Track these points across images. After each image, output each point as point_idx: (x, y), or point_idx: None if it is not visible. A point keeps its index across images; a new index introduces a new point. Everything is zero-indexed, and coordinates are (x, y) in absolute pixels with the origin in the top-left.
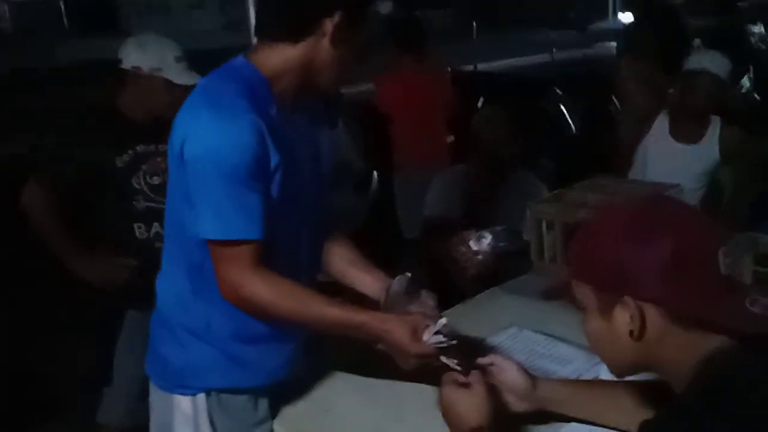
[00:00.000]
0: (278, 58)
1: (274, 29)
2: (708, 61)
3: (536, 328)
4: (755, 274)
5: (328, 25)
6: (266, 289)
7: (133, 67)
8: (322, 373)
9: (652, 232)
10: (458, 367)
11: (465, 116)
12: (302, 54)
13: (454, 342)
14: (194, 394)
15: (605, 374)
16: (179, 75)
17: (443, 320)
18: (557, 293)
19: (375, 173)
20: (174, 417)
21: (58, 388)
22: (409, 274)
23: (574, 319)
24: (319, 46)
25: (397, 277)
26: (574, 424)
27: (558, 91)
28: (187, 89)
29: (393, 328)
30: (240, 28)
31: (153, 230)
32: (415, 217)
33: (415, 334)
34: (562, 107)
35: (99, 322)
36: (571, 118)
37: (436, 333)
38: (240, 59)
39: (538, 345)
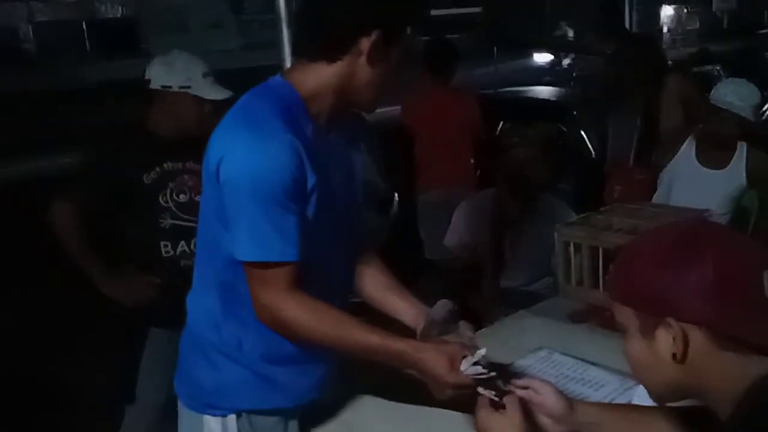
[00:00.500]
0: (315, 77)
1: (311, 48)
2: (733, 93)
3: (564, 351)
4: None
5: (365, 43)
6: (303, 313)
7: (162, 86)
8: (351, 395)
9: (695, 254)
10: (496, 398)
11: (489, 139)
12: (339, 73)
13: (494, 374)
14: (224, 415)
15: (638, 399)
16: (208, 91)
17: (482, 351)
18: (584, 316)
19: (396, 195)
20: None
21: (80, 405)
22: (450, 302)
23: (602, 342)
24: (356, 65)
25: (439, 302)
26: None
27: (576, 114)
28: (216, 105)
29: (430, 357)
30: (258, 48)
31: (179, 248)
32: (437, 238)
33: (453, 364)
34: (582, 132)
35: (122, 340)
36: (590, 142)
37: (475, 364)
38: (277, 78)
39: (569, 368)
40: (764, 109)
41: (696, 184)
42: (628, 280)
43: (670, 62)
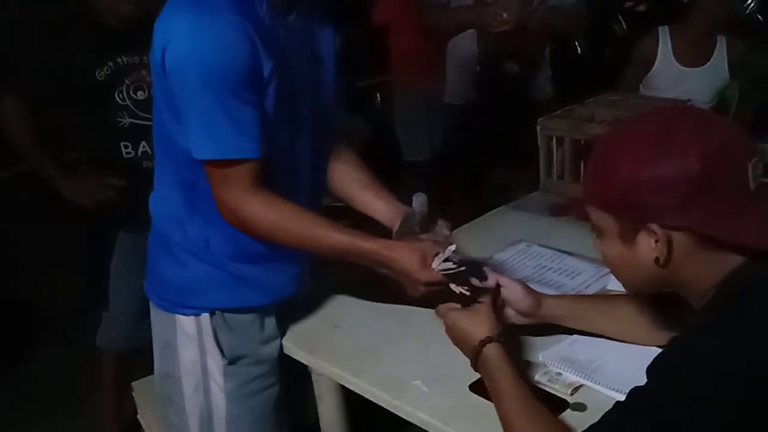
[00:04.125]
0: None
1: None
2: None
3: (543, 243)
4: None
5: None
6: (268, 213)
7: None
8: (329, 291)
9: (677, 149)
10: (467, 293)
11: None
12: None
13: (464, 268)
14: (198, 314)
15: (613, 284)
16: None
17: (452, 246)
18: (565, 209)
19: (378, 94)
20: (177, 337)
21: (55, 314)
22: (424, 195)
23: (580, 234)
24: None
25: (415, 195)
26: (577, 336)
27: None
28: None
29: (401, 255)
30: None
31: (140, 149)
32: (415, 139)
33: (424, 261)
34: None
35: (91, 246)
36: (576, 39)
37: (446, 260)
38: None
39: (547, 259)
40: (747, 1)
41: (679, 85)
42: (605, 182)
43: None
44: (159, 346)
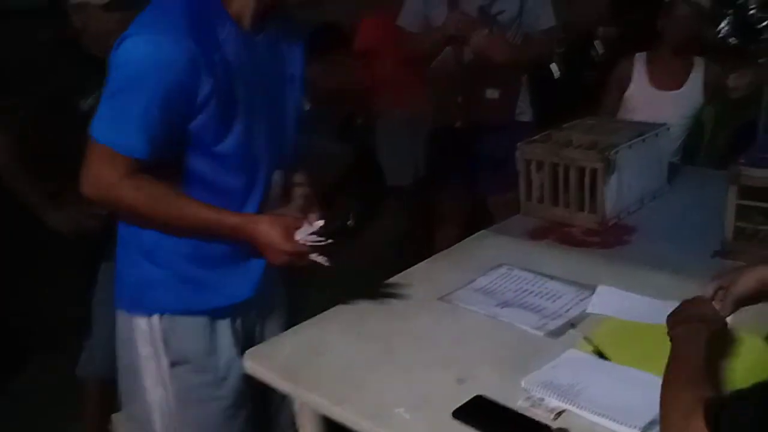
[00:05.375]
0: None
1: None
2: None
3: (524, 267)
4: (738, 208)
5: None
6: (136, 193)
7: (66, 1)
8: (309, 316)
9: None
10: (327, 264)
11: None
12: None
13: (330, 241)
14: (150, 315)
15: (592, 308)
16: None
17: (320, 222)
18: (545, 233)
19: (358, 119)
20: (135, 336)
21: (36, 342)
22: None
23: (560, 257)
24: None
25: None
26: (558, 360)
27: None
28: (129, 10)
29: (264, 228)
30: None
31: None
32: (398, 164)
33: (287, 232)
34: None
35: (74, 275)
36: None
37: (312, 234)
38: None
39: (528, 282)
40: (721, 26)
41: (655, 109)
42: None
43: None
44: (120, 342)
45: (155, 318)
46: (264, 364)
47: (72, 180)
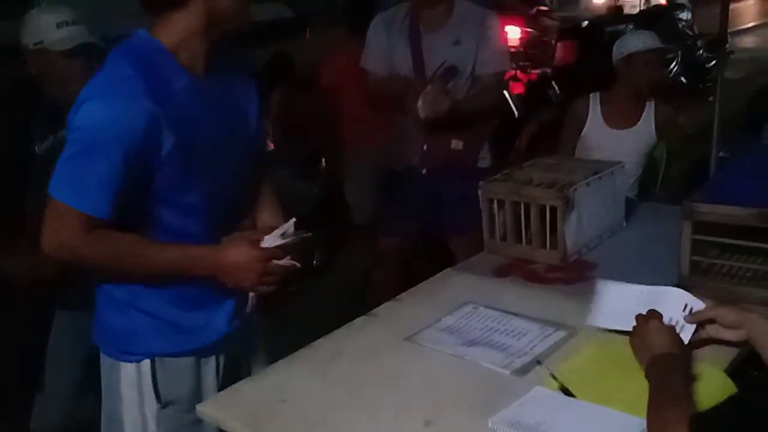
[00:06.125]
0: (174, 25)
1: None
2: (646, 40)
3: (489, 304)
4: (693, 242)
5: None
6: (97, 248)
7: (23, 46)
8: (274, 361)
9: None
10: (297, 264)
11: None
12: (195, 12)
13: (305, 235)
14: (139, 361)
15: (557, 346)
16: (58, 42)
17: (291, 221)
18: (508, 270)
19: (323, 159)
20: (121, 381)
21: None
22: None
23: (524, 293)
24: (204, 3)
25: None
26: (525, 398)
27: None
28: (89, 56)
29: (228, 248)
30: None
31: None
32: (364, 203)
33: (252, 245)
34: (505, 93)
35: (27, 324)
36: (513, 102)
37: (280, 236)
38: (141, 33)
39: (493, 321)
40: (671, 66)
41: (611, 147)
42: None
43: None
44: (105, 390)
45: (145, 363)
46: (226, 412)
47: (27, 225)
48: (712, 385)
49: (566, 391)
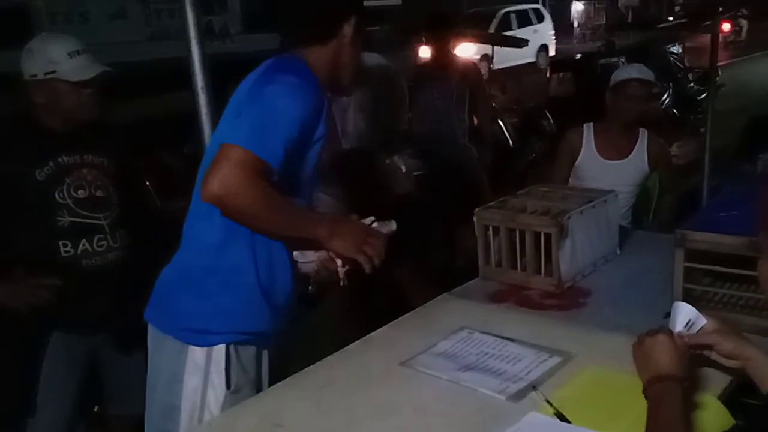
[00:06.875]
0: (315, 56)
1: (303, 35)
2: (635, 71)
3: (484, 330)
4: (686, 270)
5: (347, 28)
6: (262, 193)
7: (30, 76)
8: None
9: None
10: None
11: None
12: (332, 51)
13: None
14: (211, 345)
15: (552, 371)
16: (75, 71)
17: (371, 217)
18: (504, 296)
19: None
20: (185, 366)
21: None
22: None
23: (519, 319)
24: (342, 46)
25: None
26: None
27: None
28: (96, 84)
29: (340, 218)
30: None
31: (81, 247)
32: None
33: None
34: (500, 123)
35: (20, 347)
36: (509, 133)
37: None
38: (292, 56)
39: (489, 346)
40: (663, 98)
41: (604, 178)
42: None
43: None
44: (163, 376)
45: (218, 348)
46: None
47: (24, 250)
48: (710, 414)
49: (561, 417)
